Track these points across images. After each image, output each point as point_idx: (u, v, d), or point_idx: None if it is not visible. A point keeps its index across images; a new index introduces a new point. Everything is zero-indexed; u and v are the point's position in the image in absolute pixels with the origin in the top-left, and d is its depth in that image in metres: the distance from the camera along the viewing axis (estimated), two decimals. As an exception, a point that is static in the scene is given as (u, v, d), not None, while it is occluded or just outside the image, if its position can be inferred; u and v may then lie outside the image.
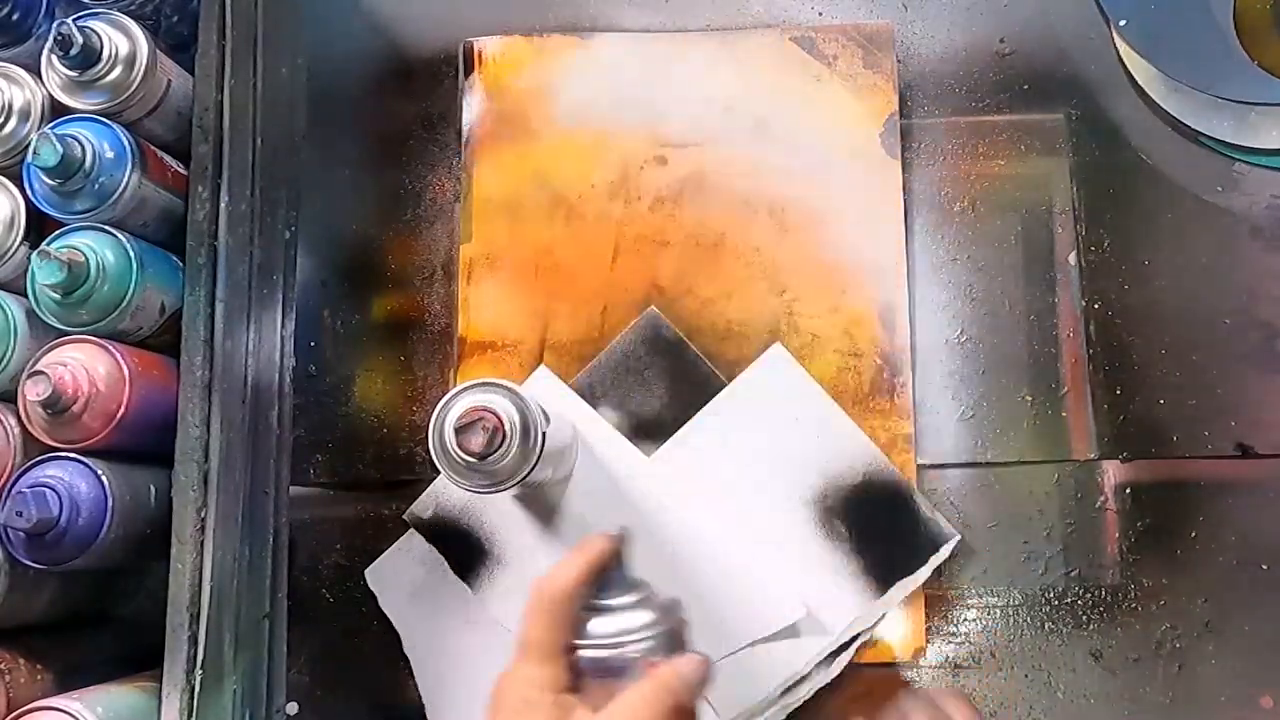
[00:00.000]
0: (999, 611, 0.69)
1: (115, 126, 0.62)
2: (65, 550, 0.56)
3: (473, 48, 0.78)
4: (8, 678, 0.58)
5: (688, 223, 0.74)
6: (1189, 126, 0.72)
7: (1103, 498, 0.70)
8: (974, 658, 0.68)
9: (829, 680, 0.66)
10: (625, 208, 0.75)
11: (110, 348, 0.59)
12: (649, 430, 0.71)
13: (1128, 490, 0.70)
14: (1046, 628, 0.68)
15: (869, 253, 0.73)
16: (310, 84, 0.73)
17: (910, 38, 0.77)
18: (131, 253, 0.61)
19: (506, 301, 0.74)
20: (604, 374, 0.72)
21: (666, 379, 0.72)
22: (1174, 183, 0.73)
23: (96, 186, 0.61)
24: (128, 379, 0.59)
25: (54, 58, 0.61)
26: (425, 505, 0.71)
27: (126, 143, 0.62)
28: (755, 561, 0.68)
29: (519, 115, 0.76)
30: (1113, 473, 0.70)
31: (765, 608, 0.67)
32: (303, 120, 0.73)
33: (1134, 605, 0.68)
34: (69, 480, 0.57)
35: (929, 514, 0.68)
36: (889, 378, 0.71)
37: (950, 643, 0.69)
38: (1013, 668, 0.68)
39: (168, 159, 0.65)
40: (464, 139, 0.77)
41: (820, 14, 0.78)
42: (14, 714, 0.55)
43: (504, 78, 0.77)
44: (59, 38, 0.59)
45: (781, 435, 0.70)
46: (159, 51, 0.64)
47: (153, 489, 0.61)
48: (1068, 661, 0.68)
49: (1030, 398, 0.71)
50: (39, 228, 0.63)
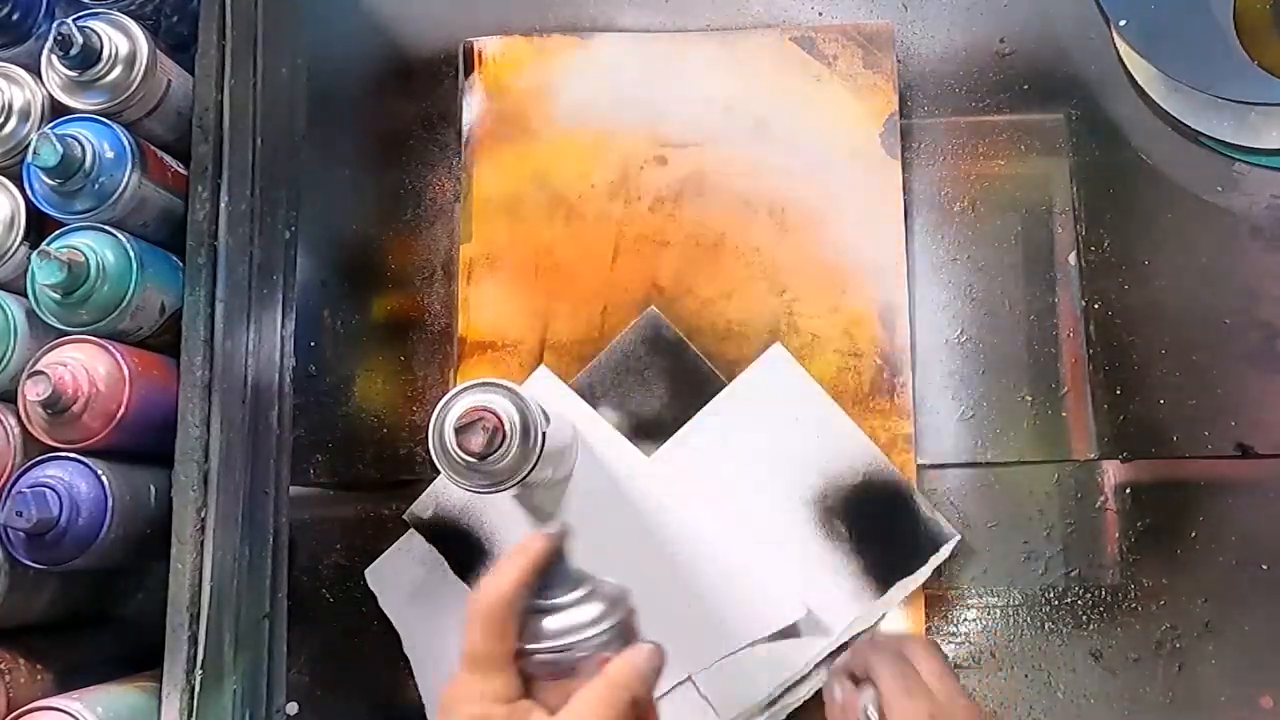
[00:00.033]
0: (999, 611, 0.69)
1: (115, 126, 0.62)
2: (65, 550, 0.56)
3: (473, 48, 0.78)
4: (8, 678, 0.58)
5: (688, 223, 0.74)
6: (1189, 126, 0.72)
7: (1103, 498, 0.70)
8: (974, 658, 0.68)
9: (829, 680, 0.67)
10: (625, 208, 0.75)
11: (110, 348, 0.59)
12: (649, 430, 0.71)
13: (1128, 490, 0.70)
14: (1046, 628, 0.68)
15: (869, 253, 0.73)
16: (310, 84, 0.74)
17: (910, 38, 0.77)
18: (131, 253, 0.61)
19: (506, 301, 0.74)
20: (604, 374, 0.72)
21: (666, 379, 0.72)
22: (1174, 183, 0.73)
23: (96, 186, 0.61)
24: (128, 379, 0.59)
25: (54, 58, 0.61)
26: (425, 505, 0.71)
27: (126, 143, 0.62)
28: (755, 561, 0.68)
29: (519, 115, 0.76)
30: (1113, 473, 0.70)
31: (765, 608, 0.67)
32: (303, 120, 0.73)
33: (1134, 605, 0.68)
34: (69, 480, 0.57)
35: (929, 514, 0.68)
36: (889, 378, 0.71)
37: (950, 643, 0.69)
38: (1013, 668, 0.68)
39: (168, 159, 0.65)
40: (464, 139, 0.77)
41: (820, 14, 0.78)
42: (14, 714, 0.55)
43: (504, 78, 0.77)
44: (59, 38, 0.59)
45: (781, 435, 0.70)
46: (159, 51, 0.64)
47: (153, 489, 0.61)
48: (1068, 661, 0.68)
49: (1030, 398, 0.71)
50: (39, 228, 0.63)
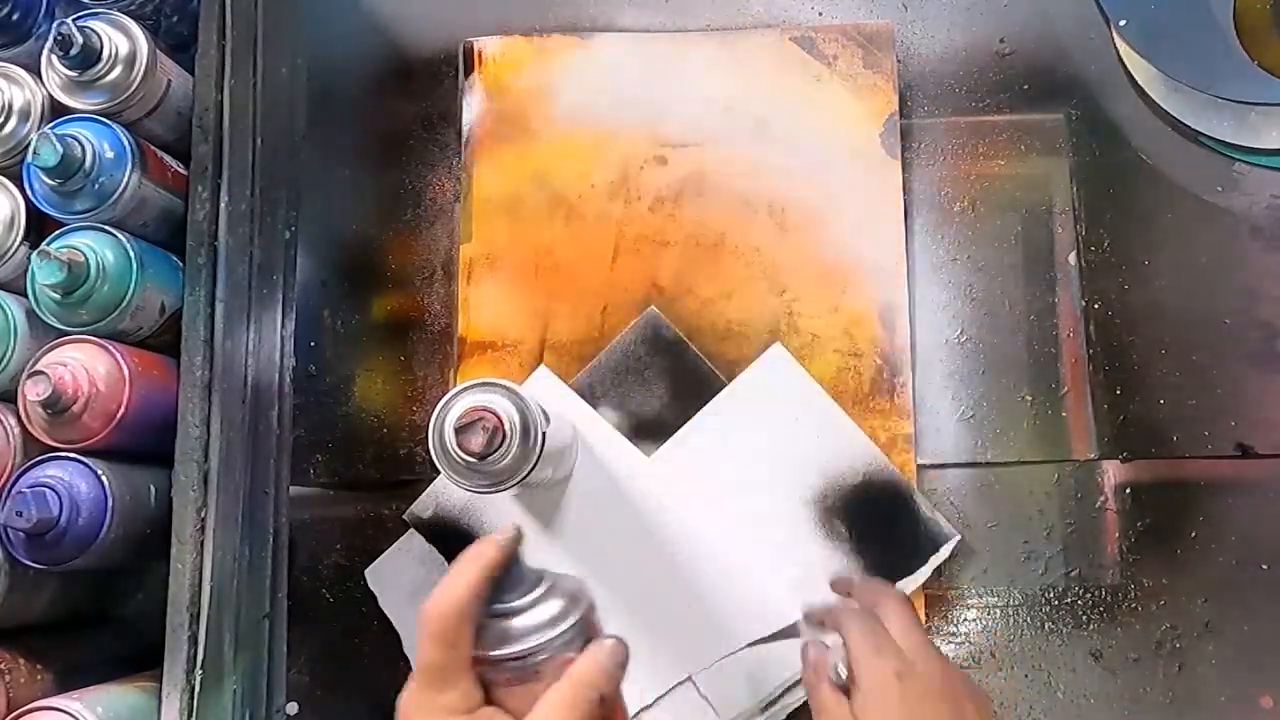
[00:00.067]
0: (999, 611, 0.69)
1: (115, 126, 0.62)
2: (65, 550, 0.56)
3: (473, 48, 0.78)
4: (8, 678, 0.58)
5: (688, 223, 0.74)
6: (1189, 126, 0.72)
7: (1103, 498, 0.70)
8: (974, 658, 0.68)
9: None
10: (625, 208, 0.75)
11: (110, 348, 0.59)
12: (649, 430, 0.71)
13: (1128, 490, 0.70)
14: (1046, 628, 0.68)
15: (869, 253, 0.73)
16: (310, 84, 0.74)
17: (910, 38, 0.77)
18: (131, 253, 0.61)
19: (506, 301, 0.74)
20: (604, 374, 0.72)
21: (666, 379, 0.72)
22: (1174, 183, 0.73)
23: (96, 186, 0.61)
24: (128, 379, 0.59)
25: (54, 58, 0.61)
26: (425, 505, 0.71)
27: (126, 143, 0.62)
28: (755, 561, 0.68)
29: (519, 115, 0.76)
30: (1113, 473, 0.70)
31: (765, 608, 0.67)
32: (303, 120, 0.73)
33: (1134, 605, 0.68)
34: (69, 480, 0.57)
35: (929, 514, 0.68)
36: (889, 378, 0.71)
37: (950, 643, 0.69)
38: (1013, 668, 0.68)
39: (168, 159, 0.65)
40: (464, 139, 0.77)
41: (820, 14, 0.78)
42: (14, 714, 0.55)
43: (504, 78, 0.77)
44: (59, 38, 0.59)
45: (781, 435, 0.70)
46: (159, 51, 0.64)
47: (153, 489, 0.61)
48: (1068, 661, 0.68)
49: (1030, 398, 0.71)
50: (39, 228, 0.63)
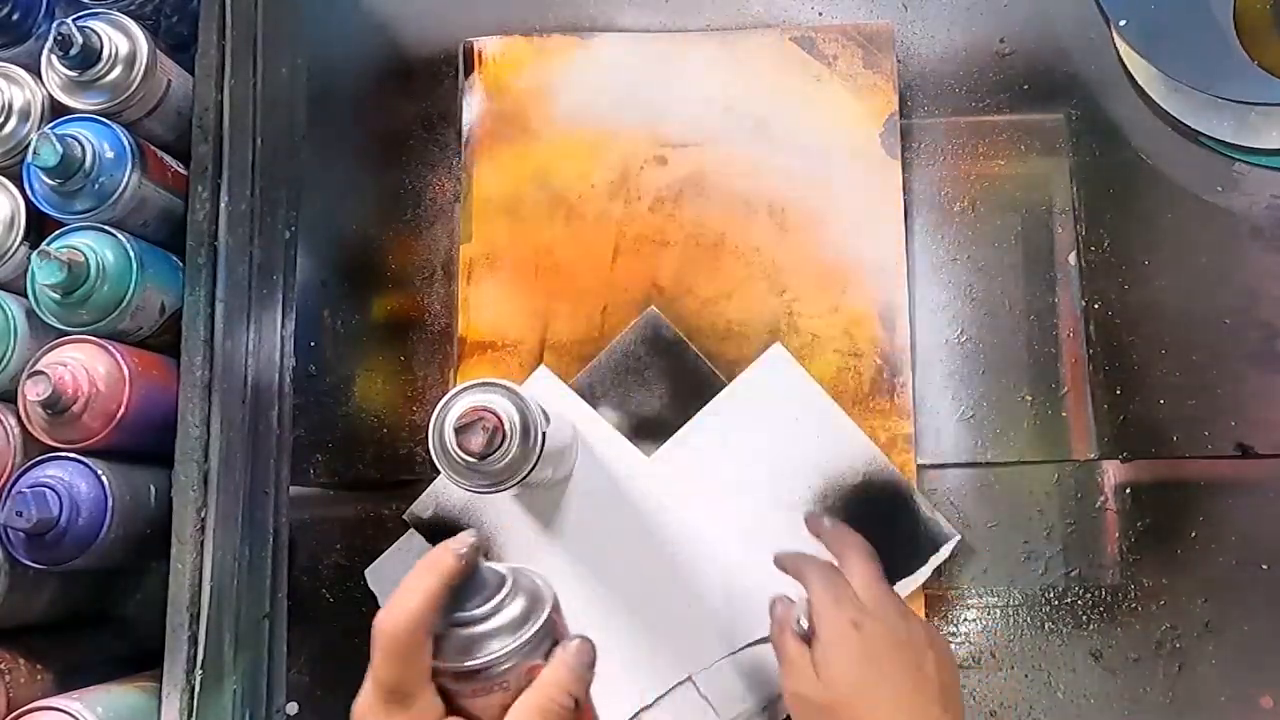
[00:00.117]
0: (999, 611, 0.69)
1: (115, 126, 0.62)
2: (65, 550, 0.56)
3: (473, 48, 0.78)
4: (8, 678, 0.58)
5: (688, 223, 0.74)
6: (1189, 126, 0.72)
7: (1103, 498, 0.70)
8: (974, 658, 0.68)
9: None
10: (625, 208, 0.75)
11: (110, 348, 0.59)
12: (649, 430, 0.71)
13: (1128, 490, 0.70)
14: (1046, 628, 0.68)
15: (869, 253, 0.73)
16: (310, 84, 0.74)
17: (910, 38, 0.77)
18: (131, 253, 0.61)
19: (506, 301, 0.74)
20: (604, 374, 0.72)
21: (666, 379, 0.72)
22: (1174, 183, 0.73)
23: (96, 186, 0.61)
24: (128, 379, 0.59)
25: (54, 58, 0.61)
26: (425, 505, 0.71)
27: (126, 143, 0.62)
28: (755, 561, 0.68)
29: (519, 115, 0.76)
30: (1113, 473, 0.70)
31: (765, 607, 0.67)
32: (303, 120, 0.73)
33: (1134, 605, 0.68)
34: (69, 480, 0.57)
35: (929, 514, 0.68)
36: (889, 378, 0.71)
37: (950, 642, 0.68)
38: (1013, 668, 0.68)
39: (168, 159, 0.65)
40: (464, 139, 0.77)
41: (820, 14, 0.78)
42: (14, 714, 0.55)
43: (504, 78, 0.77)
44: (59, 38, 0.59)
45: (781, 435, 0.70)
46: (159, 51, 0.64)
47: (153, 489, 0.61)
48: (1068, 661, 0.68)
49: (1030, 398, 0.71)
50: (39, 228, 0.63)
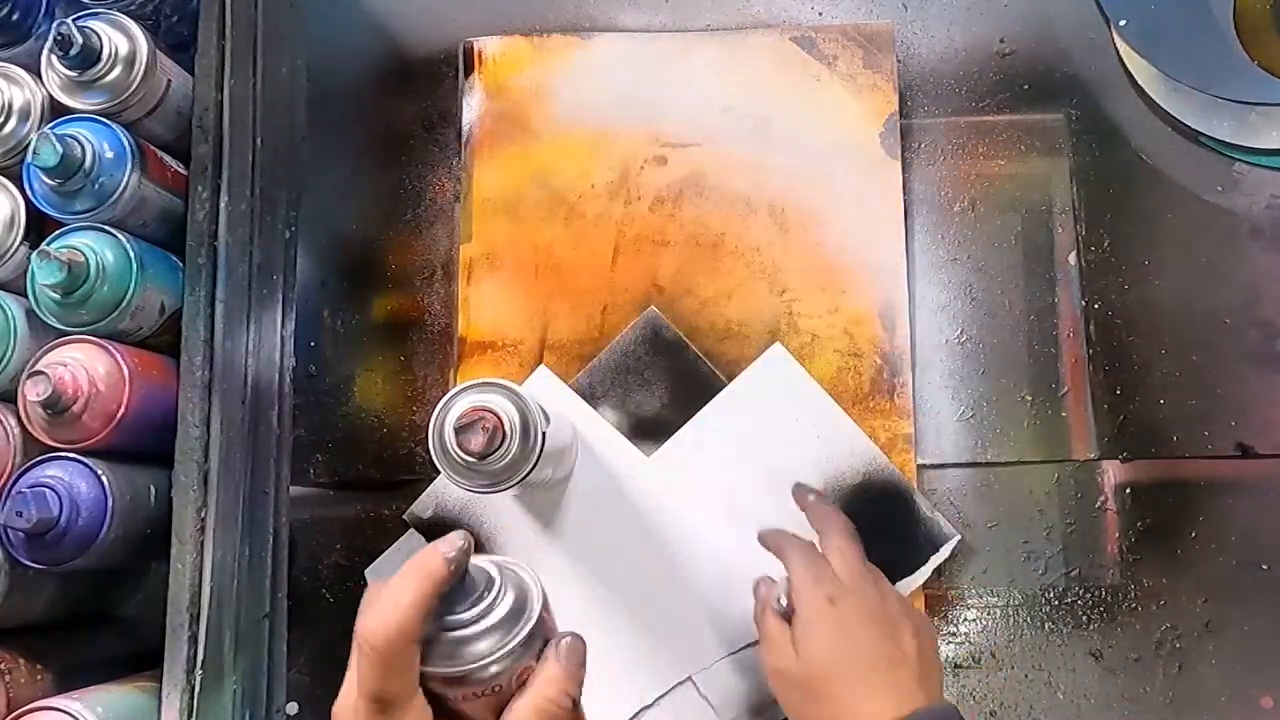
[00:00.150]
0: (999, 611, 0.69)
1: (115, 126, 0.62)
2: (65, 550, 0.56)
3: (473, 48, 0.78)
4: (8, 678, 0.58)
5: (688, 223, 0.74)
6: (1189, 126, 0.72)
7: (1103, 498, 0.70)
8: (974, 658, 0.68)
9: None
10: (625, 208, 0.75)
11: (110, 348, 0.59)
12: (649, 430, 0.71)
13: (1128, 490, 0.70)
14: (1046, 628, 0.68)
15: (869, 253, 0.73)
16: (310, 84, 0.74)
17: (910, 38, 0.77)
18: (131, 253, 0.61)
19: (506, 301, 0.74)
20: (604, 374, 0.72)
21: (666, 379, 0.72)
22: (1174, 183, 0.73)
23: (96, 186, 0.61)
24: (128, 379, 0.59)
25: (54, 58, 0.61)
26: (425, 505, 0.71)
27: (126, 143, 0.62)
28: (755, 561, 0.68)
29: (519, 115, 0.76)
30: (1113, 473, 0.70)
31: (765, 608, 0.67)
32: (303, 120, 0.73)
33: (1134, 605, 0.68)
34: (69, 480, 0.57)
35: (929, 514, 0.68)
36: (889, 378, 0.71)
37: (950, 643, 0.69)
38: (1013, 668, 0.68)
39: (168, 159, 0.65)
40: (464, 139, 0.77)
41: (820, 14, 0.78)
42: (14, 714, 0.55)
43: (504, 78, 0.77)
44: (59, 38, 0.59)
45: (781, 435, 0.70)
46: (159, 51, 0.64)
47: (153, 489, 0.61)
48: (1068, 661, 0.68)
49: (1030, 398, 0.71)
50: (39, 228, 0.63)
